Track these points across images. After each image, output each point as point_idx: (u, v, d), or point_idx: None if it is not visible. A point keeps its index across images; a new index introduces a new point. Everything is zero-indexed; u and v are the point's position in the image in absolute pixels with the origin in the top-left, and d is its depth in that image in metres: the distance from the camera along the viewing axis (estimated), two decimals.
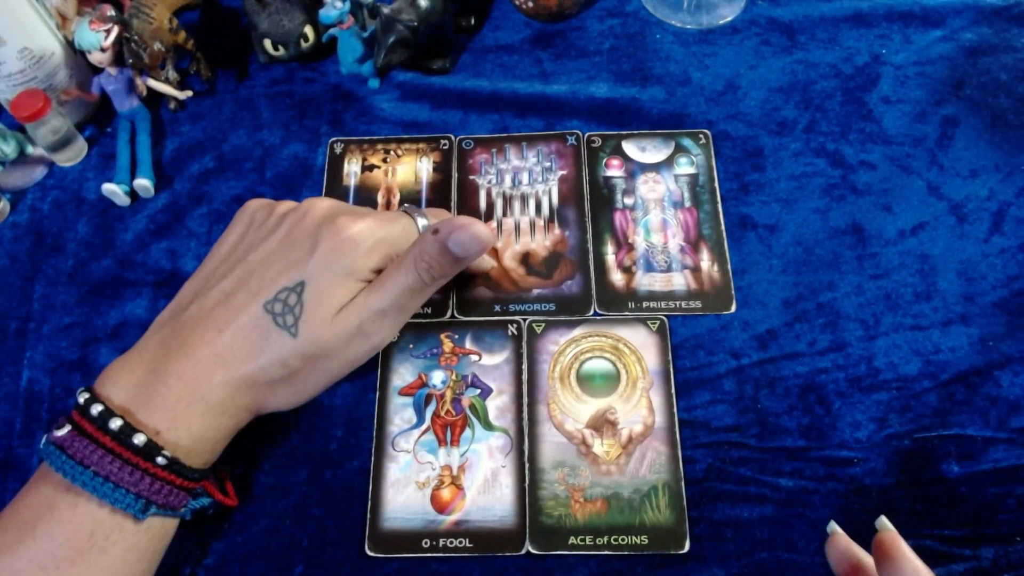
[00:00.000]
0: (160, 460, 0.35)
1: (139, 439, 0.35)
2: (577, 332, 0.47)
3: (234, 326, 0.38)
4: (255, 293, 0.38)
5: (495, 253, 0.50)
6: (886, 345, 0.46)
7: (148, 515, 0.35)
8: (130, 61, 0.53)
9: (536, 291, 0.48)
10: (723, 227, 0.50)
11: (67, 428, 0.35)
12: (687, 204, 0.51)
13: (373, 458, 0.44)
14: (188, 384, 0.37)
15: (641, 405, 0.45)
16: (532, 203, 0.52)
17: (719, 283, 0.48)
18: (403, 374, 0.46)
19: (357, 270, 0.39)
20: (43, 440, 0.36)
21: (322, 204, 0.41)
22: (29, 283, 0.50)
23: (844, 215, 0.50)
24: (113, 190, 0.51)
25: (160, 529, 0.37)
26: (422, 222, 0.43)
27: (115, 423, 0.35)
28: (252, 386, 0.38)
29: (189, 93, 0.56)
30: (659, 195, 0.51)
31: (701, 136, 0.53)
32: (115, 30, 0.51)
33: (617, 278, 0.49)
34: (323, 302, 0.38)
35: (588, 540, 0.41)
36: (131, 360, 0.38)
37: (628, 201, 0.51)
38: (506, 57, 0.58)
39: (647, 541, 0.41)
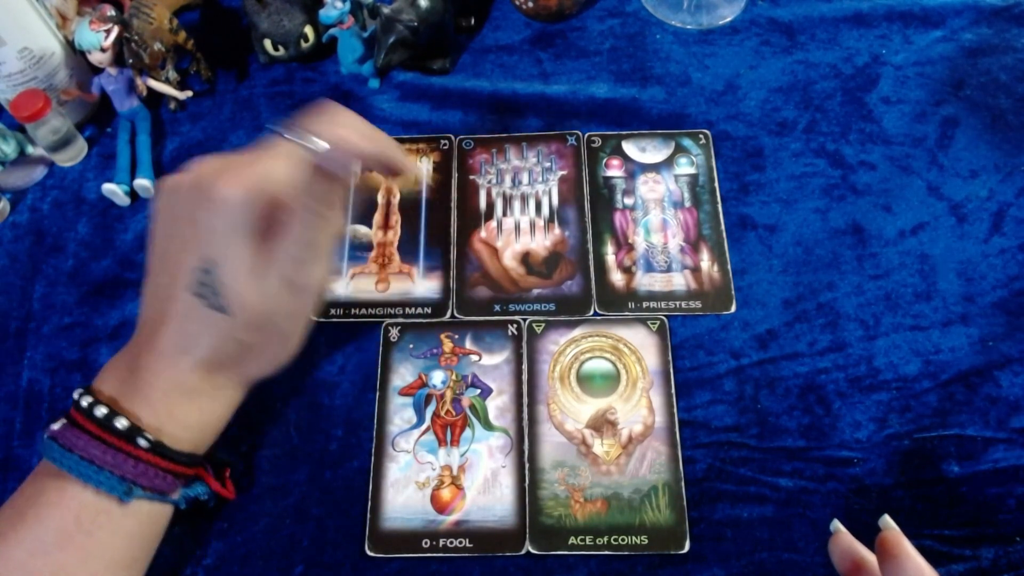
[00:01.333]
0: (142, 442, 0.36)
1: (121, 423, 0.36)
2: (577, 332, 0.47)
3: (174, 318, 0.38)
4: (177, 281, 0.37)
5: (495, 252, 0.50)
6: (886, 345, 0.46)
7: (133, 497, 0.36)
8: (130, 61, 0.53)
9: (536, 291, 0.48)
10: (723, 227, 0.50)
11: (62, 422, 0.36)
12: (687, 204, 0.51)
13: (373, 458, 0.44)
14: (160, 376, 0.37)
15: (641, 405, 0.45)
16: (532, 203, 0.52)
17: (719, 283, 0.48)
18: (403, 374, 0.46)
19: (241, 226, 0.36)
20: (44, 437, 0.36)
21: (190, 174, 0.38)
22: (29, 283, 0.50)
23: (844, 215, 0.50)
24: (113, 190, 0.51)
25: (149, 515, 0.37)
26: (294, 139, 0.39)
27: (100, 411, 0.36)
28: (218, 367, 0.38)
29: (189, 93, 0.56)
30: (659, 195, 0.51)
31: (701, 136, 0.53)
32: (115, 30, 0.51)
33: (617, 278, 0.49)
34: (232, 271, 0.37)
35: (588, 540, 0.41)
36: (118, 358, 0.39)
37: (628, 201, 0.51)
38: (506, 57, 0.58)
39: (647, 541, 0.41)
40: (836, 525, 0.36)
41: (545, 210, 0.51)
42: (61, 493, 0.35)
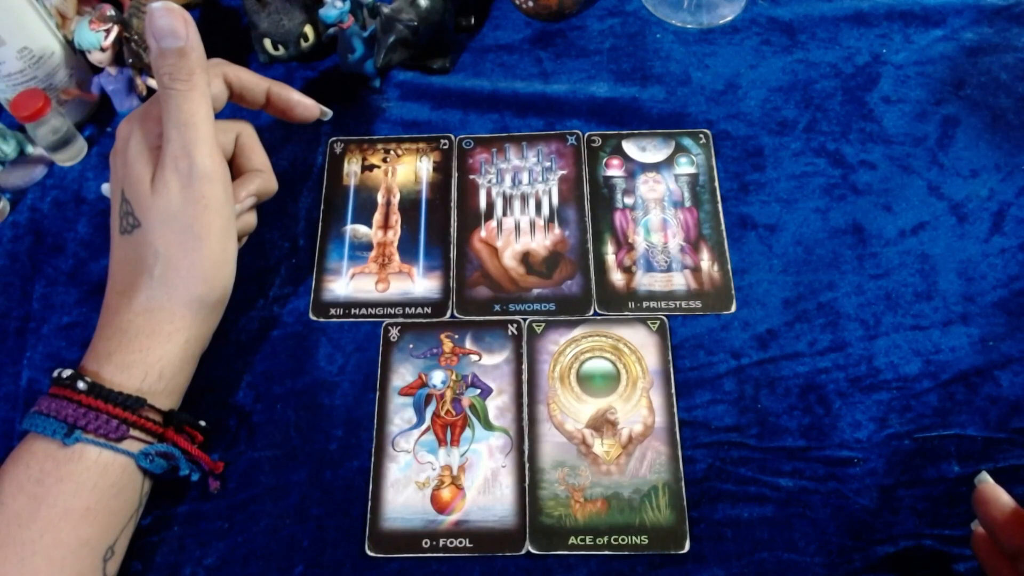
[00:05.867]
0: (80, 385, 0.37)
1: (65, 373, 0.38)
2: (577, 332, 0.47)
3: (112, 265, 0.42)
4: (113, 230, 0.42)
5: (495, 252, 0.50)
6: (886, 345, 0.46)
7: (76, 440, 0.37)
8: (130, 61, 0.53)
9: (536, 291, 0.48)
10: (723, 227, 0.50)
11: None
12: (687, 204, 0.51)
13: (373, 458, 0.44)
14: (105, 325, 0.40)
15: (641, 405, 0.45)
16: (532, 203, 0.52)
17: (719, 283, 0.48)
18: (403, 374, 0.46)
19: (132, 149, 0.40)
20: None
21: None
22: (29, 283, 0.50)
23: (844, 215, 0.50)
24: None
25: (100, 463, 0.37)
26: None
27: (58, 372, 0.39)
28: (152, 293, 0.40)
29: None
30: (659, 195, 0.51)
31: (701, 136, 0.53)
32: (115, 30, 0.51)
33: (617, 278, 0.49)
34: (133, 187, 0.40)
35: (588, 540, 0.41)
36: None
37: (628, 201, 0.51)
38: (506, 57, 0.58)
39: (647, 541, 0.41)
40: (983, 476, 0.35)
41: (545, 210, 0.51)
42: (19, 449, 0.38)
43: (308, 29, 0.55)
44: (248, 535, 0.42)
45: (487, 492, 0.43)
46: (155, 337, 0.39)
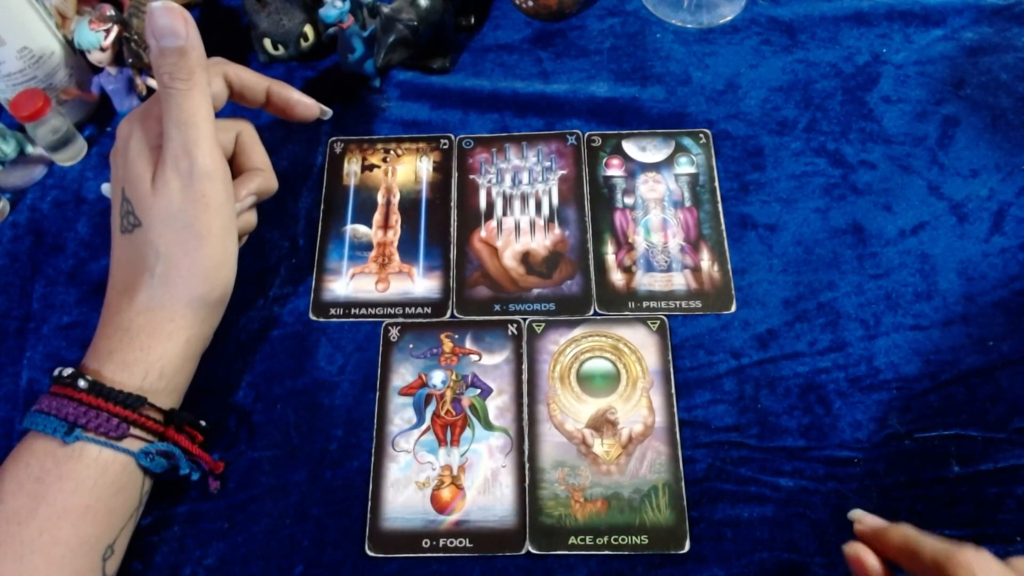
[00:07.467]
0: (81, 383, 0.37)
1: (66, 372, 0.38)
2: (577, 332, 0.47)
3: (113, 264, 0.42)
4: (114, 230, 0.42)
5: (495, 252, 0.50)
6: (886, 345, 0.46)
7: (76, 439, 0.37)
8: (130, 61, 0.53)
9: (536, 291, 0.48)
10: (723, 227, 0.50)
11: None
12: (687, 204, 0.51)
13: (373, 458, 0.44)
14: (106, 323, 0.40)
15: (641, 405, 0.45)
16: (532, 203, 0.52)
17: (719, 283, 0.48)
18: (403, 374, 0.46)
19: (133, 148, 0.40)
20: None
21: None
22: (29, 283, 0.50)
23: (844, 215, 0.50)
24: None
25: (99, 462, 0.37)
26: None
27: (59, 370, 0.39)
28: (153, 292, 0.40)
29: None
30: (659, 195, 0.51)
31: (701, 135, 0.53)
32: (115, 30, 0.51)
33: (617, 278, 0.49)
34: (134, 186, 0.40)
35: (588, 540, 0.41)
36: None
37: (628, 201, 0.51)
38: (506, 56, 0.58)
39: (647, 541, 0.41)
40: (856, 514, 0.36)
41: (545, 210, 0.51)
42: (19, 447, 0.38)
43: (308, 29, 0.55)
44: (248, 535, 0.42)
45: (487, 492, 0.43)
46: (156, 336, 0.39)
